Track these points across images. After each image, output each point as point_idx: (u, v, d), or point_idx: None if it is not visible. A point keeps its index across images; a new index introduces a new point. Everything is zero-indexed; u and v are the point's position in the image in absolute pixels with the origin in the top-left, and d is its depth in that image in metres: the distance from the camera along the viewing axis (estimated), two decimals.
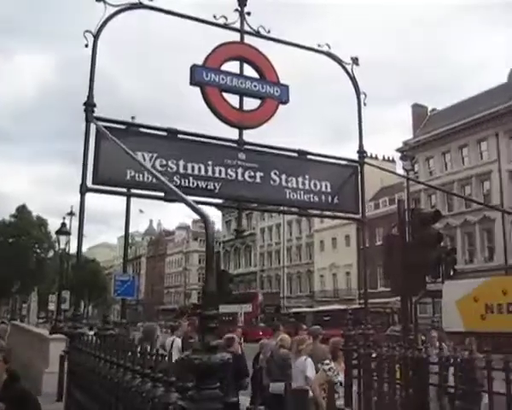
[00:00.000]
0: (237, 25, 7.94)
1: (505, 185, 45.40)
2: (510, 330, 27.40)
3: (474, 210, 45.61)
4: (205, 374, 2.32)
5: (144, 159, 6.59)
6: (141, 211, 79.32)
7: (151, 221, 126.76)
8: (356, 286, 55.01)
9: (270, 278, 76.36)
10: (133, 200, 14.90)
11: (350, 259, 55.73)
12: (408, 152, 40.11)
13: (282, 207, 8.64)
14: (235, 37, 8.02)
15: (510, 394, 3.90)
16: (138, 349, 3.43)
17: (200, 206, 3.28)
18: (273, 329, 14.34)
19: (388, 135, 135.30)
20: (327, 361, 7.56)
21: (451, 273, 17.50)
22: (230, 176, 7.14)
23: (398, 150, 53.58)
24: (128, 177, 6.57)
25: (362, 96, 8.42)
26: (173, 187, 4.19)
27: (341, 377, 6.76)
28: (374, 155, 63.32)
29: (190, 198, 6.74)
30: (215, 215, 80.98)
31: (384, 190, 60.28)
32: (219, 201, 7.53)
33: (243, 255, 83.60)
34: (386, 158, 64.83)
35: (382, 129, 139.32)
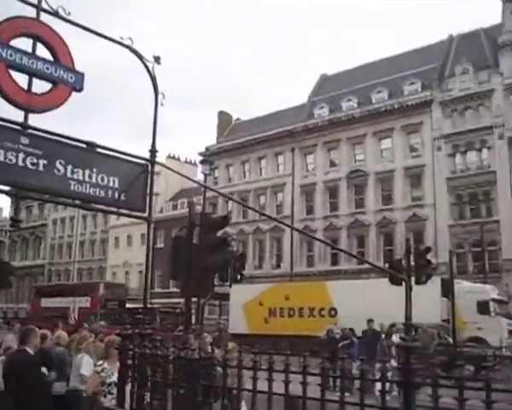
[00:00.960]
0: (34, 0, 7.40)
1: (297, 198, 48.47)
2: (289, 333, 29.28)
3: (267, 219, 47.93)
4: None
5: None
6: None
7: None
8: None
9: (60, 272, 73.18)
10: None
11: (144, 258, 55.08)
12: (209, 157, 41.16)
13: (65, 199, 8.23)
14: (32, 13, 7.46)
15: (271, 392, 4.13)
16: None
17: None
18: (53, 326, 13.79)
19: (199, 138, 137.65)
20: (100, 362, 7.34)
21: (239, 278, 18.18)
22: (10, 160, 6.57)
23: (201, 154, 54.68)
24: None
25: (160, 96, 8.32)
26: None
27: (116, 377, 6.61)
28: (176, 156, 64.03)
29: None
30: (4, 201, 75.83)
31: (183, 191, 60.89)
32: None
33: (32, 247, 79.16)
34: (188, 160, 65.70)
35: (194, 131, 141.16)
